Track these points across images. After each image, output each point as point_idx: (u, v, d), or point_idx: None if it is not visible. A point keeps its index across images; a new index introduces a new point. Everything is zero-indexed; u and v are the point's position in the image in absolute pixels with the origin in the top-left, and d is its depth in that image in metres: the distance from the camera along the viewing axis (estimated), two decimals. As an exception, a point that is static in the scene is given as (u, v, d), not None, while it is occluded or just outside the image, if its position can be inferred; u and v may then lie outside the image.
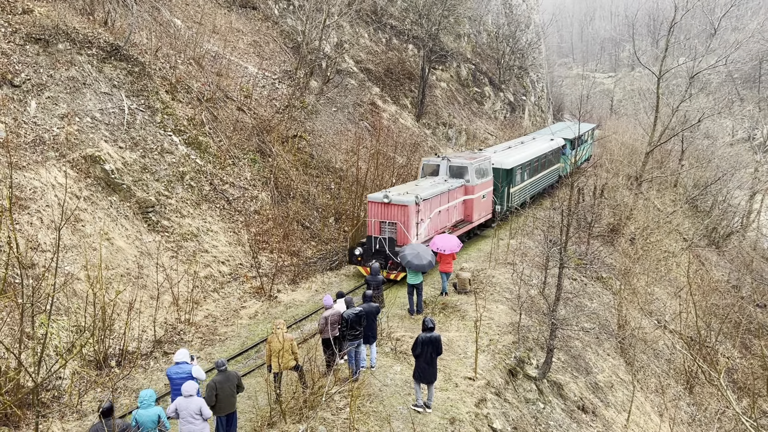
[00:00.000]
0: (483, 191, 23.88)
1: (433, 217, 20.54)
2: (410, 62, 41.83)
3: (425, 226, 19.98)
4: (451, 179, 22.50)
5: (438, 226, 20.90)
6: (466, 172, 22.77)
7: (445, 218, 21.48)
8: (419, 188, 20.55)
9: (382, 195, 19.29)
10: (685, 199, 41.19)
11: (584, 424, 15.30)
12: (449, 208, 21.78)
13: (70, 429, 11.63)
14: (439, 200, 20.94)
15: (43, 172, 16.21)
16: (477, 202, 23.36)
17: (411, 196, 19.31)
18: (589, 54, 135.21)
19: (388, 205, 19.22)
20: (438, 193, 20.84)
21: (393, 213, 19.15)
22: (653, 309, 24.92)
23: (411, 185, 21.35)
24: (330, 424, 11.33)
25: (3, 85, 16.90)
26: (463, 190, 22.77)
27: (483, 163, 23.88)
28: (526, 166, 28.32)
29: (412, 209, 19.08)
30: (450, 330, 16.25)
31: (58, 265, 12.62)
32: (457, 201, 22.35)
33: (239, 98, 25.13)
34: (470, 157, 23.64)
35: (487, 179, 24.17)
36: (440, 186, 21.42)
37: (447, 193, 21.48)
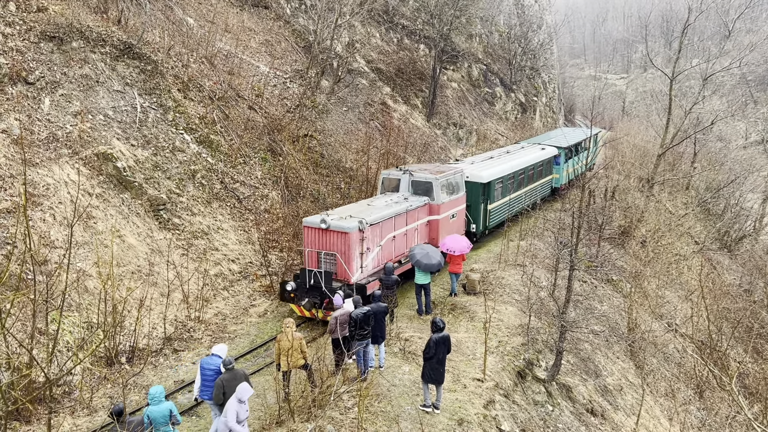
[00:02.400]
0: (452, 210, 20.70)
1: (386, 244, 17.53)
2: (421, 62, 41.79)
3: (373, 256, 16.98)
4: (412, 197, 19.49)
5: (393, 255, 17.94)
6: (430, 188, 19.66)
7: (402, 244, 18.44)
8: (369, 209, 17.60)
9: (319, 219, 16.30)
10: (697, 202, 40.88)
11: (593, 427, 15.22)
12: (408, 232, 18.67)
13: (81, 425, 11.72)
14: (394, 223, 17.84)
15: (56, 169, 16.35)
16: (444, 223, 20.20)
17: (354, 220, 16.21)
18: (601, 55, 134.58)
19: (326, 231, 16.14)
20: (392, 215, 17.71)
21: (332, 241, 16.14)
22: (664, 312, 24.75)
23: (362, 204, 18.52)
24: (338, 424, 11.35)
25: (17, 82, 17.06)
26: (427, 209, 19.67)
27: (453, 178, 20.72)
28: (509, 180, 25.22)
29: (354, 237, 16.03)
30: (459, 331, 16.23)
31: (70, 261, 12.72)
32: (418, 223, 19.25)
33: (251, 97, 25.21)
34: (437, 171, 20.41)
35: (458, 196, 21.08)
36: (396, 206, 18.23)
37: (405, 215, 18.36)
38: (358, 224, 16.06)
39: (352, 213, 16.90)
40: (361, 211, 17.17)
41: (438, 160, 33.40)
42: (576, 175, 33.71)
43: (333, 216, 16.51)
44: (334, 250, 16.12)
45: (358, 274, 16.30)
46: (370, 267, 16.84)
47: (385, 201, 18.65)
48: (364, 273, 16.51)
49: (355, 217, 16.39)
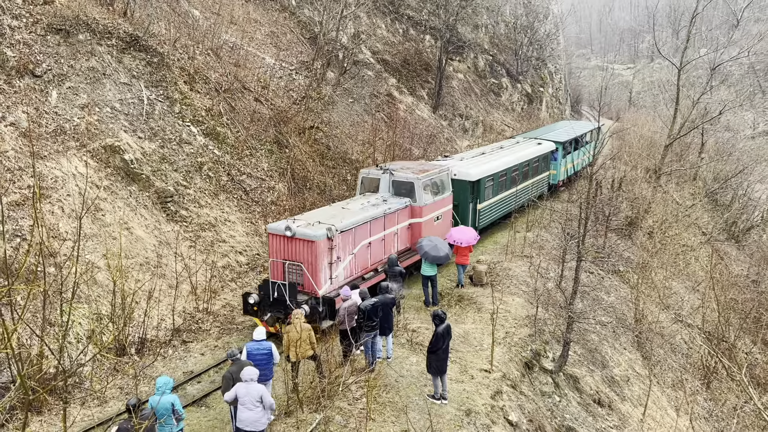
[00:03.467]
0: (437, 212, 19.36)
1: (360, 251, 16.18)
2: (427, 53, 41.64)
3: (345, 266, 15.64)
4: (392, 198, 18.20)
5: (368, 263, 16.64)
6: (412, 189, 18.34)
7: (379, 251, 17.08)
8: (342, 214, 16.23)
9: (284, 226, 14.88)
10: (705, 193, 40.72)
11: (600, 417, 15.26)
12: (386, 237, 17.32)
13: (92, 415, 11.83)
14: (369, 228, 16.48)
15: (64, 161, 16.41)
16: (428, 226, 18.81)
17: (321, 227, 14.78)
18: (607, 45, 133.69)
19: (291, 239, 14.76)
20: (367, 220, 16.34)
21: (297, 250, 14.79)
22: (671, 303, 24.72)
23: (335, 208, 17.11)
24: (346, 414, 11.42)
25: (25, 75, 17.10)
26: (408, 211, 18.28)
27: (438, 177, 19.36)
28: (500, 177, 23.70)
29: (321, 246, 14.61)
30: (466, 322, 16.27)
31: (79, 254, 12.80)
32: (399, 227, 17.89)
33: (257, 89, 25.20)
34: (420, 170, 18.92)
35: (443, 196, 19.71)
36: (372, 209, 16.84)
37: (382, 219, 17.00)
38: (326, 232, 14.66)
39: (322, 218, 15.52)
40: (332, 216, 15.78)
41: (444, 152, 33.26)
42: (576, 170, 32.79)
43: (299, 222, 15.10)
44: (299, 260, 14.76)
45: (327, 285, 14.94)
46: (341, 278, 15.46)
47: (361, 204, 17.19)
48: (334, 284, 15.12)
49: (324, 224, 15.01)
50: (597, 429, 14.71)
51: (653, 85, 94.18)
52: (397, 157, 28.21)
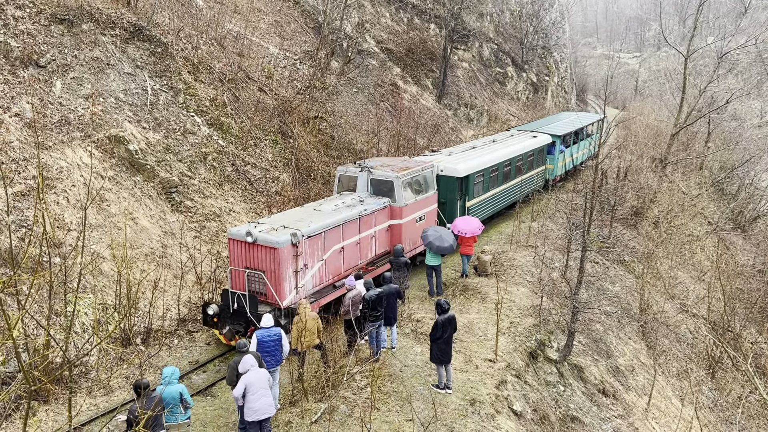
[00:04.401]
0: (420, 212, 18.12)
1: (331, 257, 15.00)
2: (432, 42, 41.42)
3: (313, 273, 14.45)
4: (370, 198, 16.99)
5: (341, 269, 15.44)
6: (392, 188, 17.15)
7: (354, 255, 15.92)
8: (312, 216, 14.95)
9: (245, 231, 13.66)
10: (711, 182, 40.52)
11: (605, 407, 15.28)
12: (362, 241, 16.13)
13: (98, 404, 11.91)
14: (342, 232, 15.28)
15: (69, 152, 16.43)
16: (409, 227, 17.61)
17: (285, 233, 13.55)
18: (613, 33, 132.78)
19: (252, 246, 13.59)
20: (339, 223, 15.11)
21: (259, 258, 13.58)
22: (676, 293, 24.68)
23: (307, 209, 15.75)
24: (351, 404, 11.46)
25: (29, 65, 17.09)
26: (388, 212, 17.06)
27: (421, 174, 18.14)
28: (491, 172, 22.37)
29: (285, 253, 13.37)
30: (470, 312, 16.27)
31: (84, 244, 12.83)
32: (377, 229, 16.69)
33: (261, 79, 25.13)
34: (400, 168, 17.66)
35: (427, 195, 18.47)
36: (346, 211, 15.61)
37: (357, 221, 15.78)
38: (290, 237, 13.46)
39: (289, 222, 14.27)
40: (300, 220, 14.55)
41: (451, 143, 33.15)
42: (575, 164, 31.71)
43: (262, 227, 13.85)
44: (261, 268, 13.56)
45: (292, 296, 13.76)
46: (309, 286, 14.32)
47: (335, 205, 15.93)
48: (301, 294, 13.97)
49: (290, 228, 13.79)
50: (601, 418, 14.73)
51: (660, 74, 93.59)
52: (402, 147, 28.14)
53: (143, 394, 9.03)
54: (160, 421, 9.03)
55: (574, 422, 14.01)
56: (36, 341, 11.89)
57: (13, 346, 7.16)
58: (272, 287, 13.46)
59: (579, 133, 31.68)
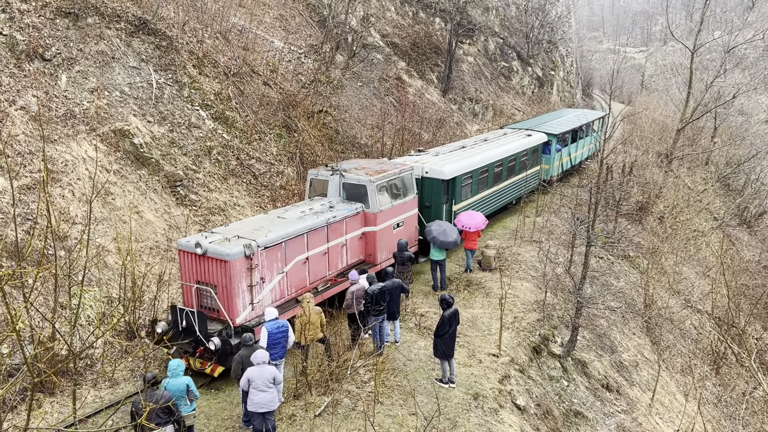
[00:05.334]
0: (397, 218, 16.89)
1: (294, 269, 13.80)
2: (437, 36, 41.30)
3: (272, 287, 13.32)
4: (341, 204, 15.78)
5: (305, 281, 14.28)
6: (365, 193, 15.94)
7: (321, 266, 14.71)
8: (272, 225, 13.76)
9: (194, 242, 12.42)
10: (717, 178, 40.37)
11: (608, 402, 15.28)
12: (330, 250, 14.91)
13: (103, 396, 11.97)
14: (306, 241, 14.05)
15: (74, 145, 16.47)
16: (384, 235, 16.37)
17: (238, 244, 12.36)
18: (620, 28, 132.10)
19: (203, 258, 12.40)
20: (302, 231, 13.87)
21: (210, 271, 12.42)
22: (681, 288, 24.62)
23: (270, 217, 14.56)
24: (355, 397, 11.49)
25: (34, 59, 17.12)
26: (361, 219, 15.89)
27: (398, 177, 16.92)
28: (481, 174, 21.07)
29: (237, 266, 12.22)
30: (474, 307, 16.28)
31: (89, 237, 12.89)
32: (348, 237, 15.50)
33: (265, 73, 25.12)
34: (375, 171, 16.47)
35: (405, 200, 17.17)
36: (311, 218, 14.39)
37: (324, 229, 14.57)
38: (243, 249, 12.26)
39: (246, 231, 13.12)
40: (259, 228, 13.41)
41: (456, 138, 33.07)
42: (574, 164, 30.69)
43: (214, 237, 12.67)
44: (213, 282, 12.43)
45: (247, 312, 12.64)
46: (268, 301, 13.19)
47: (301, 211, 14.78)
48: (257, 310, 12.87)
49: (245, 239, 12.66)
50: (605, 413, 14.74)
51: (666, 69, 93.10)
52: (407, 142, 28.10)
53: (147, 388, 9.11)
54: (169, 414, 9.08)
55: (578, 417, 14.02)
56: (41, 334, 11.95)
57: (17, 339, 7.24)
58: (223, 303, 12.32)
59: (578, 131, 30.67)
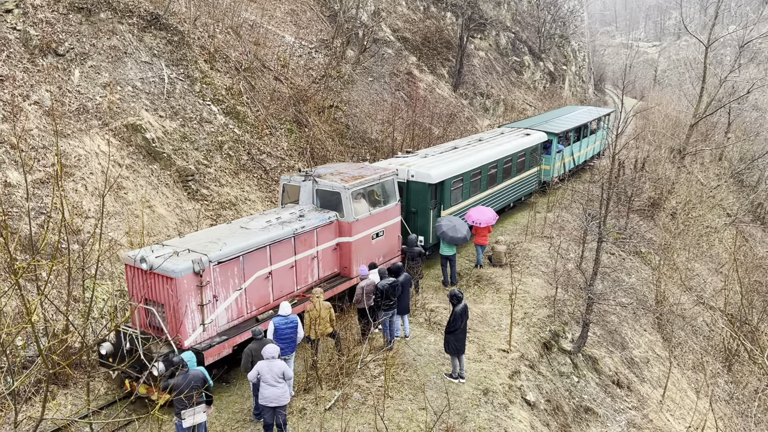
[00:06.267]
0: (377, 227, 15.60)
1: (254, 286, 12.64)
2: (448, 31, 41.15)
3: (228, 305, 12.16)
4: (312, 212, 14.51)
5: (268, 298, 13.08)
6: (338, 200, 14.68)
7: (288, 281, 13.53)
8: (231, 237, 12.57)
9: (140, 256, 11.25)
10: (730, 173, 40.01)
11: (619, 398, 15.23)
12: (298, 263, 13.69)
13: (116, 389, 12.08)
14: (268, 254, 12.86)
15: (87, 140, 16.60)
16: (361, 246, 15.10)
17: (186, 259, 11.23)
18: (633, 22, 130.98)
19: (149, 274, 11.34)
20: (263, 244, 12.69)
21: (157, 289, 11.35)
22: (693, 285, 24.46)
23: (231, 227, 13.33)
24: (365, 392, 11.53)
25: (48, 54, 17.25)
26: (335, 228, 14.62)
27: (378, 183, 15.68)
28: (473, 177, 19.82)
29: (185, 284, 11.10)
30: (484, 302, 16.26)
31: (102, 231, 12.99)
32: (319, 248, 14.23)
33: (276, 68, 25.15)
34: (352, 176, 15.25)
35: (385, 208, 15.90)
36: (275, 230, 13.13)
37: (291, 240, 13.34)
38: (191, 265, 11.13)
39: (199, 244, 11.97)
40: (215, 240, 12.23)
41: (467, 133, 32.98)
42: (577, 164, 29.45)
43: (163, 251, 11.50)
44: (160, 300, 11.34)
45: (197, 333, 11.49)
46: (223, 321, 12.06)
47: (267, 221, 13.54)
48: (210, 332, 11.74)
49: (196, 252, 11.52)
50: (615, 410, 14.70)
51: (679, 63, 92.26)
52: (417, 137, 28.05)
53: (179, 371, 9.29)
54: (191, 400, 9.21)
55: (588, 413, 14.00)
56: (55, 326, 12.08)
57: (32, 331, 7.31)
58: (170, 324, 11.26)
59: (582, 130, 29.49)
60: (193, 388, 9.12)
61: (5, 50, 16.33)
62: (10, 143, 14.68)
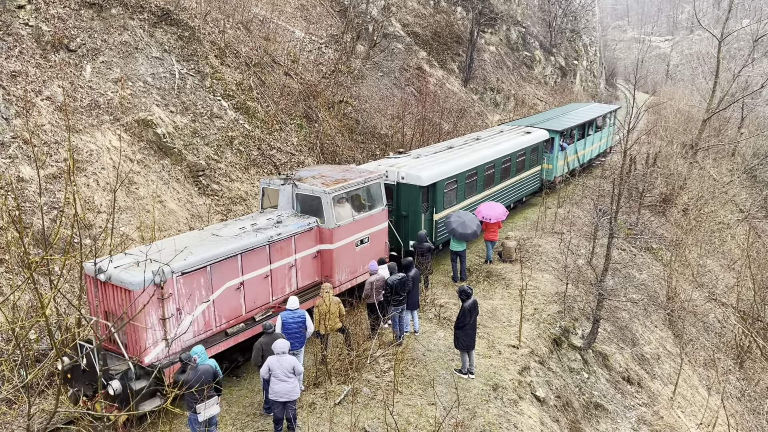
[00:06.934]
0: (361, 233, 14.67)
1: (223, 297, 11.77)
2: (458, 25, 41.00)
3: (194, 319, 11.34)
4: (291, 218, 13.59)
5: (240, 310, 12.20)
6: (319, 205, 13.78)
7: (262, 291, 12.63)
8: (199, 245, 11.69)
9: (98, 266, 10.44)
10: (744, 169, 39.63)
11: (629, 395, 15.17)
12: (274, 273, 12.81)
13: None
14: (240, 264, 12.00)
15: (99, 135, 16.70)
16: (344, 253, 14.22)
17: (147, 269, 10.08)
18: (645, 16, 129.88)
19: (107, 285, 10.62)
20: (234, 252, 11.83)
21: (116, 301, 10.61)
22: (705, 281, 24.29)
23: (202, 235, 12.43)
24: (374, 386, 11.56)
25: (60, 49, 17.35)
26: (315, 235, 13.72)
27: (362, 187, 14.77)
28: (468, 177, 19.03)
29: (144, 296, 10.14)
30: (494, 298, 16.24)
31: (114, 226, 13.07)
32: (299, 256, 13.35)
33: (286, 63, 25.17)
34: (334, 180, 14.35)
35: (370, 213, 14.95)
36: (248, 237, 12.27)
37: (266, 248, 12.50)
38: (151, 276, 10.21)
39: (164, 253, 10.81)
40: (184, 248, 11.13)
41: (477, 128, 32.87)
42: (582, 162, 28.41)
43: (123, 261, 10.71)
44: (118, 314, 10.59)
45: (159, 350, 10.72)
46: (189, 336, 11.27)
47: (240, 227, 12.72)
48: (174, 347, 10.95)
49: (157, 262, 10.53)
50: (626, 406, 14.65)
51: (692, 58, 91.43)
52: (427, 132, 28.00)
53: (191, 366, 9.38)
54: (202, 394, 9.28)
55: (598, 409, 13.96)
56: (67, 320, 12.19)
57: (45, 325, 7.41)
58: (129, 339, 10.57)
59: (587, 127, 28.67)
60: (203, 383, 9.19)
61: (18, 46, 16.45)
62: (23, 138, 14.81)
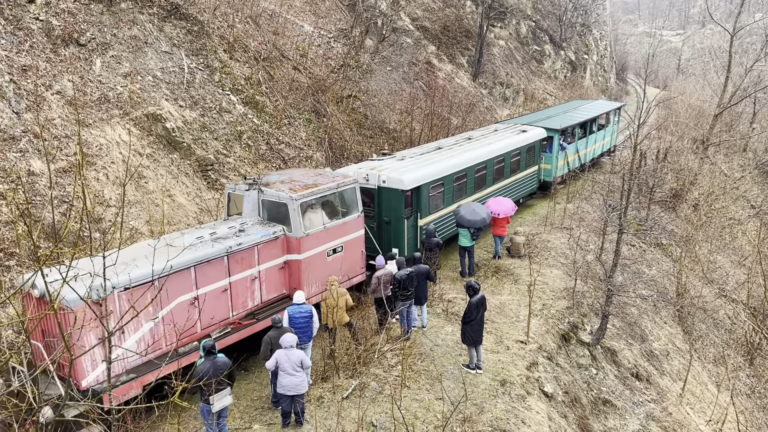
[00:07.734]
0: (333, 242, 13.65)
1: (174, 313, 10.90)
2: (468, 19, 40.81)
3: (140, 338, 10.45)
4: (255, 227, 12.66)
5: (196, 328, 11.36)
6: (286, 212, 12.82)
7: (220, 306, 11.78)
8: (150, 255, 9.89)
9: (31, 281, 9.37)
10: (755, 165, 39.30)
11: (638, 391, 15.11)
12: (234, 286, 11.97)
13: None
14: (194, 277, 11.13)
15: (108, 129, 16.77)
16: (314, 263, 13.23)
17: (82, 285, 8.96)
18: (656, 10, 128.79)
19: (41, 302, 9.67)
20: (186, 265, 10.90)
21: (52, 320, 9.54)
22: (715, 277, 24.13)
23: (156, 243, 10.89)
24: (382, 381, 11.57)
25: (70, 44, 17.42)
26: (281, 244, 12.78)
27: (335, 193, 13.74)
28: (456, 180, 18.01)
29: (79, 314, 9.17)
30: (502, 293, 16.20)
31: (123, 219, 13.13)
32: (263, 267, 12.48)
33: (295, 57, 25.16)
34: (303, 185, 13.30)
35: (346, 219, 13.96)
36: (204, 248, 11.35)
37: (224, 259, 11.61)
38: (88, 292, 9.23)
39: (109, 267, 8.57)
40: (131, 261, 10.42)
41: (486, 123, 32.74)
42: (584, 162, 27.23)
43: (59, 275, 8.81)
44: (54, 333, 9.73)
45: (99, 371, 9.77)
46: (133, 355, 10.27)
47: (198, 236, 11.78)
48: (117, 369, 10.07)
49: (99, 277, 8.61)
50: (634, 402, 14.59)
51: (704, 52, 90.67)
52: (435, 127, 27.93)
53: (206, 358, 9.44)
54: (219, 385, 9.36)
55: (606, 405, 13.91)
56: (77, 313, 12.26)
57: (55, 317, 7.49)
58: (65, 361, 9.48)
59: (589, 125, 27.51)
60: (218, 374, 9.27)
61: (28, 40, 16.52)
62: (33, 132, 14.89)
